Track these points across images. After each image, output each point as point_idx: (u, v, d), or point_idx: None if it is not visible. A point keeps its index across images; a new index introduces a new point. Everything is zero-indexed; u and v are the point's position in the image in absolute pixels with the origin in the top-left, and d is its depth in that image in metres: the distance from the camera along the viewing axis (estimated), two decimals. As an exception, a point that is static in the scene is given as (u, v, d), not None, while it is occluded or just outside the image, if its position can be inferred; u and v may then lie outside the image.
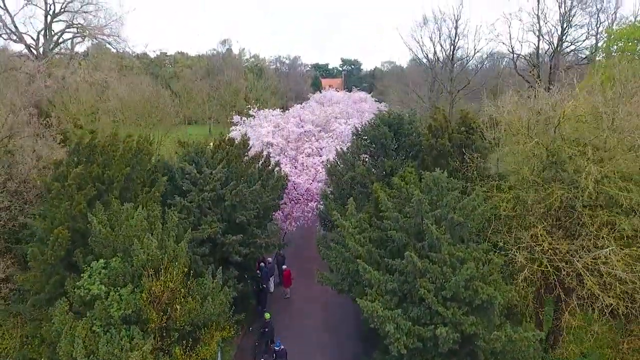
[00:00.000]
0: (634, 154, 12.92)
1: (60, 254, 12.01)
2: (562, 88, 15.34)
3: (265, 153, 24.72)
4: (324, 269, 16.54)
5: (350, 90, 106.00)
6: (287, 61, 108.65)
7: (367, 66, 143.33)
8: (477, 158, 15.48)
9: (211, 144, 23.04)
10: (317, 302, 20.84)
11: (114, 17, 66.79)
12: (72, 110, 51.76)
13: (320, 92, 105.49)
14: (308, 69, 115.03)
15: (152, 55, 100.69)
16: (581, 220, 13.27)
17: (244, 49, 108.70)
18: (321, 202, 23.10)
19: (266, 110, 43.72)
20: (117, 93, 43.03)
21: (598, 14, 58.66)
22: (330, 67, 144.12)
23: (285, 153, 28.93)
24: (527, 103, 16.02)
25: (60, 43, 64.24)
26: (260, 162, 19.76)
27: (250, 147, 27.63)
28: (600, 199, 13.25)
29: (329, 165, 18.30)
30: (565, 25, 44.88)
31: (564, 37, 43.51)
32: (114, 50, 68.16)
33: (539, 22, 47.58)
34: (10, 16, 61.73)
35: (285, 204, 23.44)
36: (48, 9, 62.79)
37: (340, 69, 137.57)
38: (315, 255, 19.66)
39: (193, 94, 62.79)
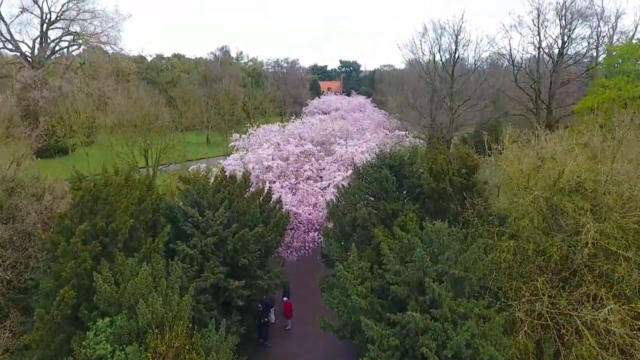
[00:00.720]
0: (629, 209, 13.24)
1: (66, 313, 12.26)
2: (561, 138, 15.58)
3: (266, 186, 25.10)
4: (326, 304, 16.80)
5: (349, 94, 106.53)
6: (285, 64, 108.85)
7: (367, 66, 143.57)
8: (477, 203, 15.77)
9: (212, 177, 23.30)
10: (318, 333, 21.14)
11: (110, 24, 67.39)
12: (68, 123, 52.07)
13: (320, 96, 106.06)
14: (306, 71, 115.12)
15: (148, 58, 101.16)
16: (581, 272, 13.60)
17: (241, 52, 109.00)
18: (322, 233, 23.53)
19: (265, 126, 44.09)
20: (115, 109, 43.05)
21: (599, 23, 59.00)
22: (329, 68, 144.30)
23: (285, 175, 29.19)
24: (526, 149, 16.35)
25: (57, 51, 64.46)
26: (262, 197, 20.02)
27: (251, 174, 28.09)
28: (599, 252, 13.56)
29: (330, 205, 18.56)
30: (565, 39, 45.20)
31: (565, 51, 43.81)
32: (111, 51, 68.44)
33: (539, 35, 47.96)
34: (6, 24, 61.99)
35: (287, 232, 23.70)
36: (44, 17, 63.04)
37: (339, 70, 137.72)
38: (316, 287, 20.08)
39: (190, 103, 62.91)
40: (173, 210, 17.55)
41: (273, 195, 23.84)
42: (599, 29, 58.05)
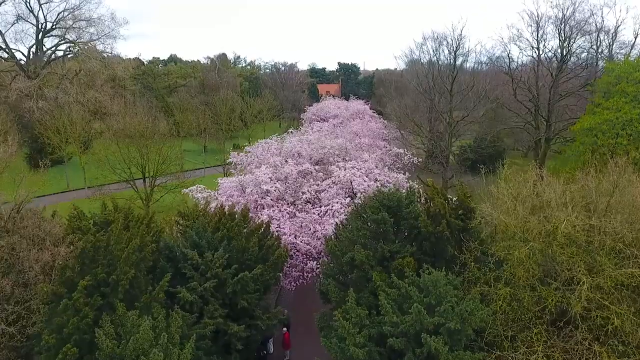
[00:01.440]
0: (622, 264, 13.63)
1: (68, 369, 12.59)
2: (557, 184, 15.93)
3: (264, 216, 25.43)
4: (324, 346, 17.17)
5: (347, 98, 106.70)
6: (283, 68, 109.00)
7: (366, 65, 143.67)
8: (474, 248, 16.15)
9: (212, 203, 23.55)
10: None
11: (106, 31, 67.51)
12: (64, 135, 52.20)
13: (318, 100, 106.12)
14: (305, 74, 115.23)
15: (145, 61, 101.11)
16: (575, 322, 13.98)
17: (238, 56, 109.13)
18: (321, 270, 23.87)
19: (262, 142, 44.35)
20: (112, 124, 43.25)
21: (598, 34, 59.59)
22: (327, 70, 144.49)
23: (284, 198, 29.50)
24: (522, 189, 16.73)
25: (52, 60, 64.57)
26: (261, 231, 20.36)
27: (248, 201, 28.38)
28: (592, 304, 13.94)
29: (329, 244, 18.94)
30: (565, 52, 45.60)
31: (564, 66, 44.20)
32: (107, 54, 68.47)
33: (538, 49, 48.40)
34: (1, 33, 62.06)
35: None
36: (40, 26, 63.15)
37: (338, 73, 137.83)
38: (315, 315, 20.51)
39: (188, 112, 63.11)
40: (172, 251, 17.88)
41: (271, 226, 24.28)
42: (599, 40, 58.62)
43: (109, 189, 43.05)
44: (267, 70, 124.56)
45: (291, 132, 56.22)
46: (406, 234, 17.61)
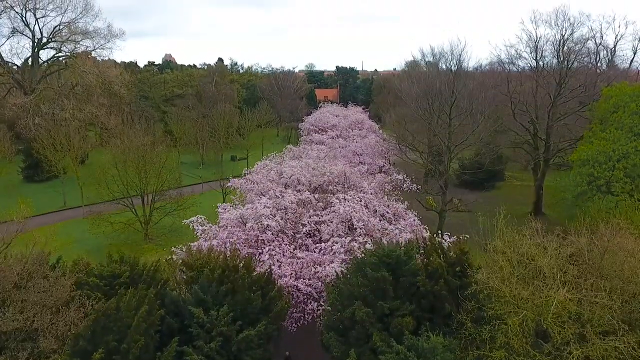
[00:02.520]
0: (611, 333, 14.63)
1: None
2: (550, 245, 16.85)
3: (265, 256, 26.34)
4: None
5: (346, 105, 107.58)
6: (281, 74, 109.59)
7: (365, 66, 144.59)
8: (471, 308, 17.10)
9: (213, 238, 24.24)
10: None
11: (102, 42, 68.10)
12: (61, 153, 52.80)
13: (317, 107, 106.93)
14: (302, 77, 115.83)
15: (140, 64, 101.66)
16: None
17: (235, 63, 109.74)
18: (322, 303, 24.81)
19: (261, 164, 45.20)
20: (111, 149, 43.89)
21: (597, 48, 60.58)
22: (325, 74, 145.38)
23: (284, 232, 30.36)
24: (518, 254, 17.67)
25: (48, 75, 65.16)
26: (264, 278, 21.26)
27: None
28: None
29: (330, 299, 19.84)
30: (563, 74, 46.50)
31: (562, 91, 45.17)
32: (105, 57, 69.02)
33: (536, 67, 49.34)
34: (-4, 48, 62.66)
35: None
36: (35, 39, 63.68)
37: (336, 77, 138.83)
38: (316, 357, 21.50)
39: (185, 127, 63.80)
40: (178, 306, 18.77)
41: (273, 267, 25.22)
42: (598, 57, 59.57)
43: (106, 208, 43.72)
44: (266, 71, 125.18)
45: (289, 148, 57.15)
46: (405, 291, 18.51)
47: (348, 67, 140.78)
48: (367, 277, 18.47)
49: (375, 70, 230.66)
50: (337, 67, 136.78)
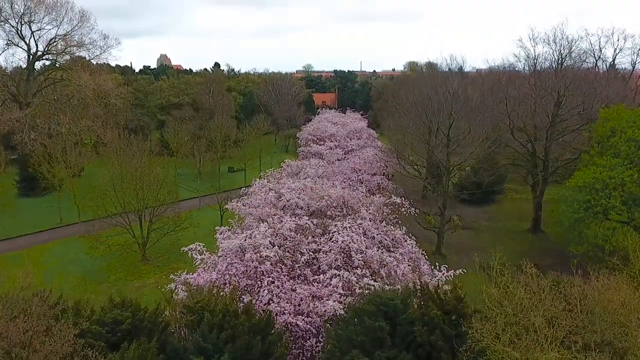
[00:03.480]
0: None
1: None
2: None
3: (264, 293, 27.02)
4: None
5: (344, 111, 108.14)
6: (278, 76, 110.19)
7: (364, 67, 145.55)
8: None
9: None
10: None
11: (98, 52, 68.61)
12: (58, 169, 53.31)
13: (315, 113, 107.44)
14: (300, 84, 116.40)
15: (136, 67, 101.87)
16: None
17: (232, 69, 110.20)
18: (320, 339, 25.50)
19: (258, 182, 45.84)
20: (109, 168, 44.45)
21: (596, 63, 61.34)
22: (323, 77, 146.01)
23: (283, 261, 31.00)
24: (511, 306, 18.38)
25: (44, 88, 65.59)
26: (264, 322, 21.95)
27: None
28: None
29: (329, 345, 20.53)
30: (561, 94, 47.19)
31: (559, 111, 45.90)
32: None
33: (535, 87, 50.05)
34: (-9, 61, 63.03)
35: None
36: (31, 52, 64.07)
37: (333, 81, 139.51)
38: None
39: (182, 140, 64.38)
40: (179, 353, 19.42)
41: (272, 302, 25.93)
42: (596, 65, 60.15)
43: (103, 225, 44.06)
44: (263, 73, 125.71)
45: (288, 163, 57.79)
46: (402, 340, 19.20)
47: (346, 71, 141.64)
48: (365, 326, 19.16)
49: (374, 71, 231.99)
50: (335, 70, 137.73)
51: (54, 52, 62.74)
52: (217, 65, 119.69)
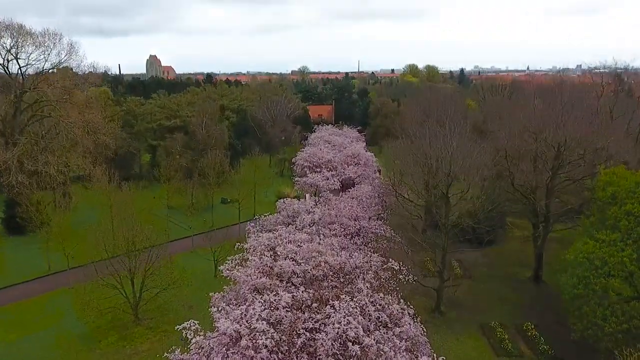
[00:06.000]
0: None
1: None
2: None
3: None
4: None
5: (341, 126, 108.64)
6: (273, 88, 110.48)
7: (362, 67, 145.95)
8: None
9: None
10: None
11: (83, 81, 68.89)
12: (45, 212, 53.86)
13: (311, 130, 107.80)
14: (297, 101, 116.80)
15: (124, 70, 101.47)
16: None
17: (227, 80, 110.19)
18: None
19: (253, 237, 46.36)
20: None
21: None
22: (319, 74, 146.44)
23: (279, 346, 31.72)
24: None
25: (30, 124, 65.70)
26: None
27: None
28: None
29: None
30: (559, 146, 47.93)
31: (559, 162, 46.76)
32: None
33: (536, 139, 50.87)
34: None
35: None
36: (18, 87, 64.10)
37: (329, 91, 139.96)
38: None
39: (175, 175, 64.89)
40: None
41: None
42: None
43: (94, 286, 44.35)
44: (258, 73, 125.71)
45: (282, 204, 58.30)
46: None
47: (343, 74, 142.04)
48: None
49: (372, 73, 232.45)
50: (332, 83, 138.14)
51: (41, 88, 62.56)
52: (209, 77, 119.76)
